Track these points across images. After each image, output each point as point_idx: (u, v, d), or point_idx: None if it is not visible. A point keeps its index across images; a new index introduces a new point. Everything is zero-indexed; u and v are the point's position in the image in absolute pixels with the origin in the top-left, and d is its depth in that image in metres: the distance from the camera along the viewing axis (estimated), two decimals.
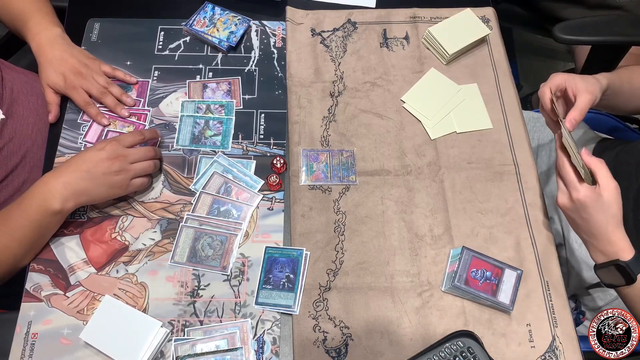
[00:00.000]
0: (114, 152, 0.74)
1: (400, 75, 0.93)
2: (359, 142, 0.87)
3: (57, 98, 0.85)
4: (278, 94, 0.91)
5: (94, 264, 0.76)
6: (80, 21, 0.96)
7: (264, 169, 0.84)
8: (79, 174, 0.72)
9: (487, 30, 0.95)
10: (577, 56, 1.23)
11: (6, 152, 0.84)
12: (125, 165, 0.75)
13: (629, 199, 0.84)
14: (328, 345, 0.72)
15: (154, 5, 1.00)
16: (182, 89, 0.91)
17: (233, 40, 0.94)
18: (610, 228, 0.69)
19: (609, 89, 0.78)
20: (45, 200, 0.70)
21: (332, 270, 0.77)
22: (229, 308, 0.74)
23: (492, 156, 0.87)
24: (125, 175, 0.75)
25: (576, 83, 0.74)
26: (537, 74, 1.89)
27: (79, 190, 0.72)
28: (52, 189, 0.71)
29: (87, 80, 0.84)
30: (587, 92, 0.73)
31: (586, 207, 0.68)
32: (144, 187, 0.80)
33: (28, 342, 0.71)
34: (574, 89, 0.74)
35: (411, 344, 0.72)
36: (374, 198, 0.82)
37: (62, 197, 0.71)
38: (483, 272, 0.73)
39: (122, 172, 0.74)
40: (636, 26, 1.01)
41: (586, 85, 0.74)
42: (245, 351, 0.71)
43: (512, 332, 0.74)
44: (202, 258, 0.77)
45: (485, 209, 0.82)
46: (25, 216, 0.71)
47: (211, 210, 0.80)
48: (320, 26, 0.98)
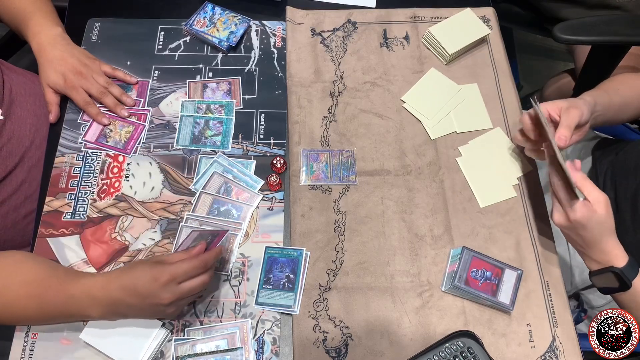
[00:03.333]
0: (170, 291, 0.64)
1: (400, 75, 0.93)
2: (359, 142, 0.87)
3: (57, 98, 0.86)
4: (278, 94, 0.91)
5: (94, 264, 0.76)
6: (80, 21, 0.96)
7: (264, 169, 0.84)
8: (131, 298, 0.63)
9: (487, 30, 0.95)
10: (577, 56, 1.23)
11: (5, 152, 0.84)
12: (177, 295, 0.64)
13: (627, 198, 0.84)
14: (328, 345, 0.72)
15: (154, 5, 1.00)
16: (182, 89, 0.91)
17: (233, 40, 0.94)
18: (605, 239, 0.69)
19: (598, 105, 0.76)
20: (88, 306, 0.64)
21: (332, 270, 0.77)
22: (229, 308, 0.74)
23: None
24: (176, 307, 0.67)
25: (558, 103, 0.73)
26: (537, 74, 1.89)
27: (119, 313, 0.67)
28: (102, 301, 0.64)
29: (87, 80, 0.84)
30: (573, 107, 0.71)
31: (583, 225, 0.68)
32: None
33: (28, 342, 0.70)
34: (558, 110, 0.73)
35: (411, 344, 0.72)
36: (374, 198, 0.82)
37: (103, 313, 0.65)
38: (483, 272, 0.74)
39: (173, 305, 0.66)
40: (636, 26, 1.01)
41: (569, 102, 0.73)
42: (245, 351, 0.71)
43: (512, 332, 0.74)
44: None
45: (485, 209, 0.82)
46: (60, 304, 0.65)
47: (211, 210, 0.80)
48: (320, 26, 0.98)
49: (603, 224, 0.68)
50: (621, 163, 0.90)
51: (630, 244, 0.82)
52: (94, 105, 0.86)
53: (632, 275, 0.69)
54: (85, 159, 0.84)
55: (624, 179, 0.86)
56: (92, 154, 0.84)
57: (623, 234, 0.83)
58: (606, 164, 0.93)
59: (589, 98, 0.76)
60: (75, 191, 0.81)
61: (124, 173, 0.83)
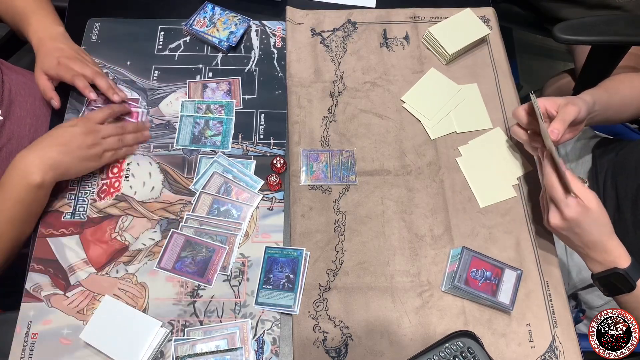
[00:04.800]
0: (86, 127, 0.78)
1: (400, 75, 0.93)
2: (359, 142, 0.87)
3: (51, 84, 0.84)
4: (278, 94, 0.91)
5: (94, 264, 0.76)
6: (80, 21, 0.96)
7: (264, 169, 0.84)
8: (55, 147, 0.74)
9: (487, 30, 0.95)
10: (577, 56, 1.23)
11: (5, 153, 0.84)
12: (98, 139, 0.78)
13: (628, 198, 0.84)
14: (328, 345, 0.72)
15: (154, 5, 1.00)
16: (182, 89, 0.91)
17: (233, 40, 0.94)
18: (605, 238, 0.69)
19: (596, 104, 0.76)
20: (25, 176, 0.72)
21: (332, 270, 0.77)
22: (229, 308, 0.74)
23: None
24: (99, 149, 0.78)
25: (556, 100, 0.74)
26: (537, 74, 1.89)
27: (56, 163, 0.73)
28: (30, 163, 0.72)
29: (81, 62, 0.84)
30: (570, 104, 0.72)
31: (579, 222, 0.68)
32: (116, 160, 0.83)
33: (28, 342, 0.71)
34: (556, 106, 0.73)
35: (411, 344, 0.72)
36: (374, 198, 0.82)
37: (41, 170, 0.72)
38: (483, 272, 0.73)
39: (96, 146, 0.78)
40: (636, 26, 1.01)
41: (567, 99, 0.73)
42: (245, 351, 0.71)
43: (512, 332, 0.74)
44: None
45: (485, 209, 0.82)
46: (9, 196, 0.72)
47: (211, 210, 0.80)
48: (320, 26, 0.98)
49: (598, 220, 0.68)
50: (621, 163, 0.89)
51: (630, 244, 0.82)
52: (83, 78, 0.83)
53: (636, 276, 0.69)
54: None
55: (624, 179, 0.86)
56: None
57: (623, 234, 0.83)
58: (606, 164, 0.93)
59: (588, 97, 0.76)
60: (75, 191, 0.81)
61: (124, 173, 0.83)
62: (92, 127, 0.79)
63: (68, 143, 0.75)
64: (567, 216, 0.68)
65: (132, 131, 0.84)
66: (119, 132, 0.82)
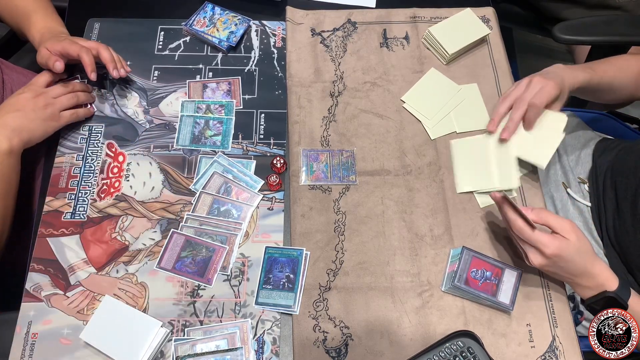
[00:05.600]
0: (34, 91, 0.80)
1: (400, 75, 0.93)
2: (359, 142, 0.87)
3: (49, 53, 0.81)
4: (278, 94, 0.91)
5: (94, 264, 0.76)
6: (80, 21, 0.96)
7: (264, 169, 0.84)
8: (11, 114, 0.76)
9: (487, 30, 0.95)
10: (577, 56, 1.23)
11: None
12: (49, 99, 0.81)
13: (627, 198, 0.84)
14: (328, 345, 0.72)
15: (154, 5, 1.00)
16: (182, 89, 0.91)
17: (233, 40, 0.94)
18: (589, 264, 0.69)
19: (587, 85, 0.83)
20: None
21: (332, 270, 0.77)
22: (229, 308, 0.74)
23: None
24: (53, 108, 0.80)
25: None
26: None
27: (17, 127, 0.76)
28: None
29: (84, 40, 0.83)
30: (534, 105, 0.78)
31: (561, 256, 0.68)
32: (77, 119, 0.85)
33: (28, 342, 0.71)
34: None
35: (411, 344, 0.72)
36: (374, 198, 0.82)
37: (5, 136, 0.74)
38: (483, 272, 0.74)
39: (49, 105, 0.80)
40: (636, 26, 1.01)
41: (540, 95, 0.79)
42: (245, 351, 0.71)
43: (512, 332, 0.74)
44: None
45: (485, 209, 0.82)
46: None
47: (211, 210, 0.80)
48: (320, 26, 0.98)
49: (580, 249, 0.68)
50: (621, 163, 0.89)
51: (630, 244, 0.82)
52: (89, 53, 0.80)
53: (626, 296, 0.69)
54: (85, 159, 0.84)
55: (624, 179, 0.86)
56: (92, 154, 0.84)
57: (623, 234, 0.84)
58: (606, 164, 0.93)
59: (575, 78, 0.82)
60: (75, 191, 0.81)
61: (124, 173, 0.83)
62: (39, 90, 0.81)
63: (22, 108, 0.77)
64: (548, 254, 0.68)
65: (83, 90, 0.87)
66: (69, 90, 0.84)
